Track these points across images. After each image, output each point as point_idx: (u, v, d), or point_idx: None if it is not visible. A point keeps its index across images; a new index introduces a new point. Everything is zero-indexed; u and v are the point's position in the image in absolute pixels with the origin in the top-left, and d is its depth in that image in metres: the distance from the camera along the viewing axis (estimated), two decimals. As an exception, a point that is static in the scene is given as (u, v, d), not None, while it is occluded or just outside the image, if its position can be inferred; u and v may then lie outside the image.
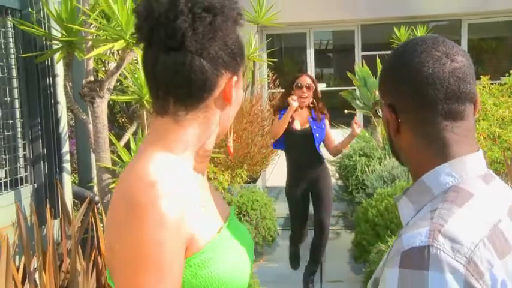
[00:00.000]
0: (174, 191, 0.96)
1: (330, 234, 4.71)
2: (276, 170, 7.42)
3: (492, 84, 6.65)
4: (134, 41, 2.88)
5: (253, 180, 6.40)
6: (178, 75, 1.00)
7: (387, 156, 6.24)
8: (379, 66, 7.12)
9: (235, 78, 1.07)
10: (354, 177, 6.32)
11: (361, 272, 4.49)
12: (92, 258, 2.27)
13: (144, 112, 3.34)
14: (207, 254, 1.01)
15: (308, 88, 4.52)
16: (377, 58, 7.37)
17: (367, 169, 6.18)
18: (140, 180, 0.96)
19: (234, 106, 1.11)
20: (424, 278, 0.86)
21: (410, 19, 10.56)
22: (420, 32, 9.94)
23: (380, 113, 1.12)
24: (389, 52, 1.13)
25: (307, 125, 4.53)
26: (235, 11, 1.05)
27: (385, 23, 10.90)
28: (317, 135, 4.49)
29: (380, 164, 6.11)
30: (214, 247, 1.03)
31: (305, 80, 4.54)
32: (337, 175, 6.83)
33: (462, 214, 0.92)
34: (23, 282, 2.35)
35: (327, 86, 11.68)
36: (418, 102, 1.01)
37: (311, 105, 4.61)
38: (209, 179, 5.21)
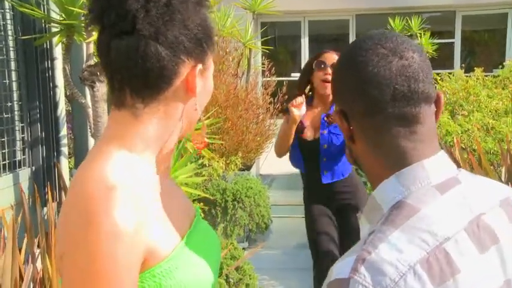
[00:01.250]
0: (132, 197, 0.88)
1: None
2: (270, 158, 7.45)
3: (486, 76, 6.70)
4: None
5: (247, 168, 6.42)
6: (132, 63, 0.90)
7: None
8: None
9: (199, 66, 0.96)
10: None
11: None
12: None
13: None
14: (171, 263, 0.93)
15: None
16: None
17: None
18: (96, 185, 0.86)
19: (203, 97, 1.01)
20: None
21: (405, 10, 10.57)
22: (414, 23, 9.99)
23: None
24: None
25: (318, 134, 3.17)
26: None
27: (380, 14, 10.92)
28: (325, 146, 3.09)
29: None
30: (178, 255, 0.95)
31: (331, 58, 3.15)
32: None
33: (396, 237, 0.82)
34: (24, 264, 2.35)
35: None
36: (365, 107, 0.91)
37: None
38: (204, 165, 5.25)
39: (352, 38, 11.44)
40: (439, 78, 6.68)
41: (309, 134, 3.14)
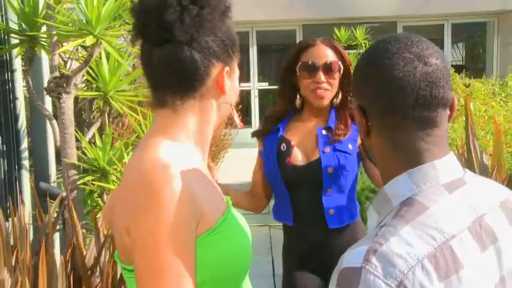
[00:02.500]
0: (184, 172, 1.02)
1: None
2: (225, 167, 7.49)
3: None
4: (103, 37, 2.87)
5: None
6: (171, 66, 1.07)
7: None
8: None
9: (227, 68, 1.12)
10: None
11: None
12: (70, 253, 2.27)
13: (108, 108, 3.31)
14: (218, 232, 1.06)
15: (330, 70, 2.03)
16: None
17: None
18: (154, 163, 1.01)
19: (231, 95, 1.17)
20: None
21: (350, 20, 10.91)
22: (359, 32, 10.32)
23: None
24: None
25: (317, 154, 2.04)
26: (222, 3, 1.11)
27: (326, 24, 11.21)
28: (329, 170, 2.01)
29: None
30: (225, 225, 1.08)
31: (322, 55, 2.04)
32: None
33: (406, 232, 0.88)
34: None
35: (269, 85, 11.92)
36: (387, 108, 0.95)
37: (334, 103, 2.11)
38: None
39: (299, 48, 11.70)
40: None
41: (300, 158, 2.06)
